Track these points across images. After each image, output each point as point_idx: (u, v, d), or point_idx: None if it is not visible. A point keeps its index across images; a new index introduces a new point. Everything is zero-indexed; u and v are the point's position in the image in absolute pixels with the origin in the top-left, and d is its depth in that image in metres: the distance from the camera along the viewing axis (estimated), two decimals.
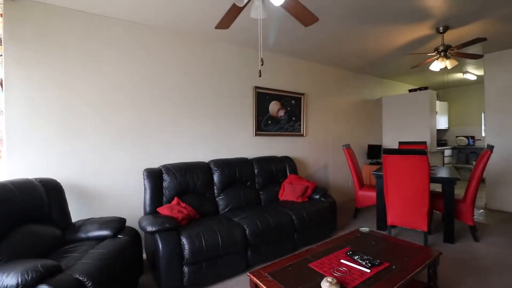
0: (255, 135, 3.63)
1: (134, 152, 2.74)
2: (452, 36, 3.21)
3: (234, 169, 3.07)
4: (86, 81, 2.50)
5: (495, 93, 4.01)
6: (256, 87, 3.62)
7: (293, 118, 4.05)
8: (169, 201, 2.57)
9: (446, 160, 6.37)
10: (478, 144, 6.55)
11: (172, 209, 2.39)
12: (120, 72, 2.67)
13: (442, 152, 6.12)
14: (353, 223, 3.55)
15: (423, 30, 3.07)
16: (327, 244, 1.88)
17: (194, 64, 3.12)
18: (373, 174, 3.29)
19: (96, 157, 2.54)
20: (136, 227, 2.56)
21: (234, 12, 1.87)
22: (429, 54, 3.08)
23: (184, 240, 2.04)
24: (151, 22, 2.75)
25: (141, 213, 2.67)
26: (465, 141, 6.58)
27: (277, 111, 3.85)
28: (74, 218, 2.28)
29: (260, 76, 1.94)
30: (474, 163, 6.38)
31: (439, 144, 6.69)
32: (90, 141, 2.52)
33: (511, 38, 3.43)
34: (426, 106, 4.91)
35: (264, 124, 3.73)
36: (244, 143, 3.55)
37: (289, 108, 3.99)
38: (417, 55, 3.93)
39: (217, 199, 2.91)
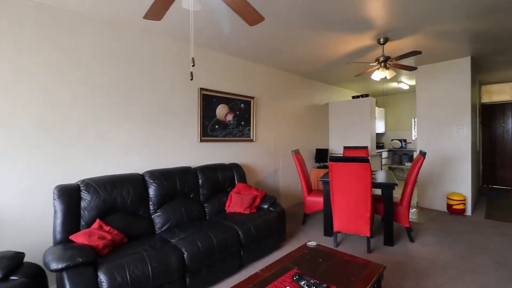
0: (201, 141, 3.32)
1: (43, 163, 2.21)
2: (391, 48, 3.39)
3: (175, 180, 2.73)
4: None
5: (425, 102, 4.42)
6: (202, 89, 3.32)
7: (243, 122, 3.85)
8: (89, 224, 2.12)
9: (384, 161, 6.92)
10: (409, 146, 7.28)
11: (91, 235, 1.95)
12: (29, 57, 2.11)
13: (380, 154, 6.62)
14: (302, 230, 3.50)
15: (366, 40, 3.16)
16: (272, 267, 1.71)
17: (128, 58, 2.68)
18: (320, 180, 3.28)
19: None
20: (41, 262, 2.04)
21: (165, 1, 1.57)
22: (371, 64, 3.18)
23: (102, 277, 1.65)
24: (73, 7, 2.25)
25: (50, 243, 2.15)
26: (398, 144, 7.26)
27: (225, 115, 3.61)
28: None
29: (191, 79, 1.67)
30: (406, 163, 7.07)
31: (377, 147, 7.24)
32: None
33: (440, 53, 3.78)
34: (367, 112, 5.21)
35: (211, 129, 3.44)
36: (188, 151, 3.21)
37: (238, 112, 3.78)
38: (361, 64, 4.10)
39: (153, 216, 2.53)
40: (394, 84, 6.06)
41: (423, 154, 2.96)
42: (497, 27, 2.86)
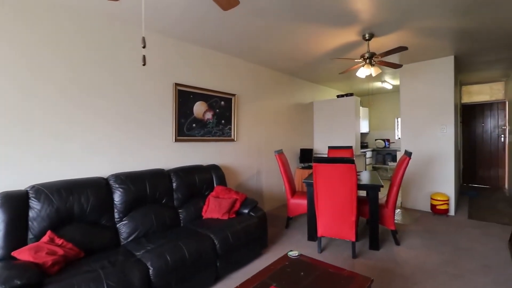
0: (176, 141, 3.07)
1: None
2: (376, 45, 3.27)
3: (144, 184, 2.47)
4: None
5: (409, 102, 4.37)
6: (178, 84, 3.07)
7: (223, 121, 3.62)
8: (38, 237, 1.83)
9: (367, 161, 6.90)
10: (392, 146, 7.31)
11: (38, 250, 1.67)
12: None
13: (365, 154, 6.58)
14: (285, 234, 3.32)
15: (351, 35, 3.02)
16: (248, 284, 1.51)
17: (89, 46, 2.39)
18: (304, 182, 3.11)
19: None
20: None
21: None
22: (356, 60, 3.05)
23: None
24: None
25: None
26: (382, 143, 7.27)
27: (203, 113, 3.37)
28: None
29: (144, 65, 1.43)
30: (389, 163, 7.09)
31: (361, 147, 7.22)
32: None
33: (424, 52, 3.72)
34: (351, 111, 5.13)
35: (188, 128, 3.20)
36: (162, 151, 2.95)
37: (218, 110, 3.55)
38: (345, 61, 3.98)
39: (118, 225, 2.26)
40: (378, 84, 6.03)
41: (408, 154, 2.86)
42: (481, 25, 2.80)
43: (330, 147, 4.32)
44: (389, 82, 5.84)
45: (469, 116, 6.12)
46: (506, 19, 2.68)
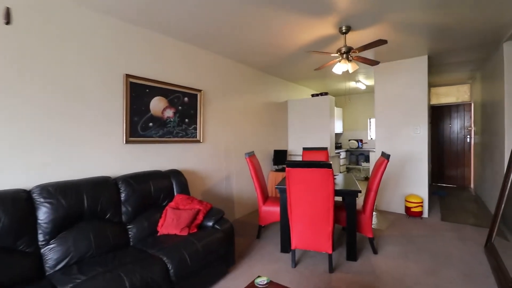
0: (128, 143, 2.61)
1: None
2: (353, 39, 3.06)
3: (81, 197, 2.00)
4: None
5: (383, 102, 4.26)
6: (129, 76, 2.61)
7: (187, 120, 3.21)
8: None
9: (341, 162, 6.82)
10: (365, 146, 7.32)
11: None
12: None
13: (339, 155, 6.49)
14: (256, 246, 3.00)
15: (326, 28, 2.78)
16: None
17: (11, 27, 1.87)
18: (276, 188, 2.81)
19: None
20: None
21: None
22: (332, 55, 2.81)
23: None
24: None
25: None
26: (355, 144, 7.25)
27: (162, 110, 2.93)
28: None
29: (7, 23, 1.02)
30: (363, 163, 7.08)
31: (336, 147, 7.14)
32: None
33: (399, 50, 3.60)
34: (326, 110, 4.95)
35: (143, 127, 2.75)
36: (109, 156, 2.48)
37: (180, 107, 3.13)
38: (321, 57, 3.75)
39: (43, 250, 1.78)
40: (352, 84, 5.94)
41: (386, 156, 2.67)
42: (456, 21, 2.69)
43: (304, 149, 4.08)
44: (363, 82, 5.78)
45: (437, 117, 6.26)
46: (479, 17, 2.59)
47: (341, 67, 2.77)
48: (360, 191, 2.55)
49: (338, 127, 7.34)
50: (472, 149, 5.85)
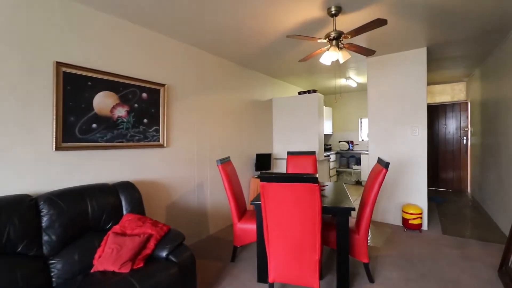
0: (59, 149, 2.04)
1: None
2: (344, 23, 2.58)
3: None
4: None
5: (377, 100, 3.82)
6: (62, 64, 2.04)
7: (145, 120, 2.65)
8: None
9: (331, 165, 6.38)
10: (356, 148, 6.90)
11: None
12: None
13: (329, 158, 6.04)
14: (229, 273, 2.47)
15: (312, 9, 2.28)
16: None
17: None
18: (252, 204, 2.29)
19: None
20: None
21: None
22: (319, 41, 2.31)
23: None
24: None
25: None
26: (346, 146, 6.82)
27: (112, 108, 2.37)
28: None
29: None
30: (353, 166, 6.66)
31: (325, 149, 6.69)
32: None
33: (394, 41, 3.15)
34: (314, 110, 4.47)
35: (83, 129, 2.18)
36: (30, 167, 1.90)
37: (136, 105, 2.57)
38: (307, 46, 3.26)
39: None
40: (342, 81, 5.50)
41: (384, 165, 2.19)
42: (459, 3, 2.25)
43: (289, 153, 3.58)
44: (354, 79, 5.34)
45: (431, 117, 5.89)
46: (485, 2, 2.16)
47: (330, 56, 2.28)
48: (353, 209, 2.06)
49: (328, 128, 6.90)
50: (468, 151, 5.50)
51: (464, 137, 5.56)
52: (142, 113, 2.62)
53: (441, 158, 5.80)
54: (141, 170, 2.63)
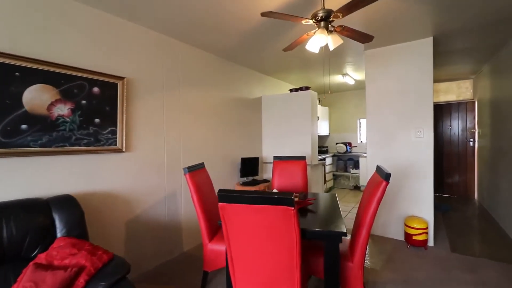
0: None
1: None
2: (334, 2, 2.14)
3: None
4: None
5: (376, 98, 3.38)
6: None
7: (97, 120, 2.21)
8: None
9: (327, 169, 5.94)
10: (354, 150, 6.47)
11: None
12: None
13: (324, 162, 5.59)
14: None
15: None
16: None
17: None
18: (220, 224, 1.85)
19: None
20: None
21: None
22: (303, 22, 1.87)
23: None
24: None
25: None
26: (343, 148, 6.38)
27: (49, 105, 1.93)
28: None
29: None
30: (351, 170, 6.21)
31: (321, 152, 6.26)
32: None
33: (397, 27, 2.71)
34: (307, 109, 4.03)
35: (7, 131, 1.74)
36: None
37: (84, 102, 2.13)
38: (294, 33, 2.82)
39: None
40: (339, 78, 5.06)
41: (385, 176, 1.75)
42: None
43: (276, 158, 3.13)
44: (352, 76, 4.90)
45: (435, 117, 5.44)
46: None
47: (318, 40, 1.84)
48: (345, 234, 1.62)
49: (324, 129, 6.46)
50: (475, 154, 5.06)
51: (471, 139, 5.12)
52: (92, 111, 2.18)
53: (446, 162, 5.36)
54: (92, 179, 2.18)
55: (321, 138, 6.98)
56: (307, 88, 4.14)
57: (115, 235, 2.34)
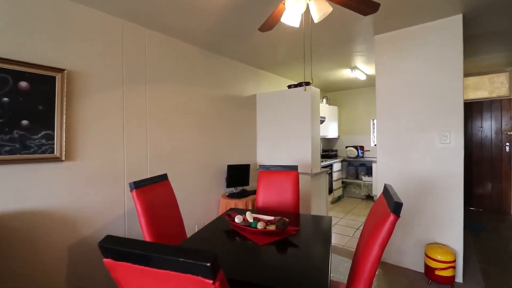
0: None
1: None
2: None
3: None
4: None
5: (389, 93, 2.75)
6: None
7: (24, 122, 1.77)
8: None
9: (335, 176, 5.29)
10: (367, 155, 5.77)
11: None
12: None
13: (330, 169, 4.97)
14: None
15: None
16: None
17: None
18: None
19: None
20: None
21: None
22: None
23: None
24: None
25: None
26: (354, 152, 5.70)
27: None
28: None
29: None
30: (363, 177, 5.52)
31: (329, 156, 5.63)
32: None
33: (414, 4, 2.09)
34: (306, 108, 3.45)
35: None
36: None
37: (7, 99, 1.69)
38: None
39: None
40: (347, 73, 4.42)
41: (393, 207, 1.17)
42: None
43: (261, 168, 2.57)
44: (362, 70, 4.26)
45: (464, 118, 4.66)
46: None
47: (292, 7, 1.28)
48: None
49: (333, 131, 5.82)
50: None
51: (507, 143, 4.31)
52: (18, 111, 1.73)
53: (476, 170, 4.57)
54: (18, 196, 1.74)
55: (330, 141, 6.34)
56: (307, 84, 3.55)
57: (52, 263, 1.88)
